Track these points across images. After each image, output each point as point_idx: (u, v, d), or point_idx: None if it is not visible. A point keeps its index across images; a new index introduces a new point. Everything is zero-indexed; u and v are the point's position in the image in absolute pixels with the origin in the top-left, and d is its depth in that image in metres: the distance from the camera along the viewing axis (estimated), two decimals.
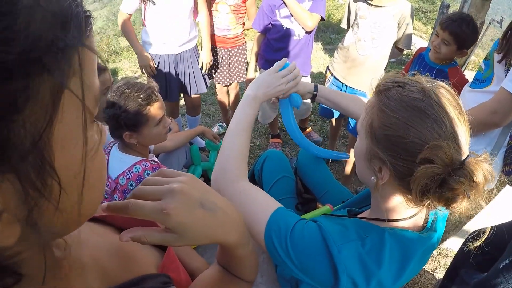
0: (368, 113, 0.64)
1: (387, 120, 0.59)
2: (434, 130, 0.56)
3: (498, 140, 1.17)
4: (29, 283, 0.28)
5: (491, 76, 1.16)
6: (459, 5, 3.26)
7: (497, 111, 1.06)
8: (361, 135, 0.67)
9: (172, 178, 0.40)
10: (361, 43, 1.74)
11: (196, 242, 0.39)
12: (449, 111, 0.57)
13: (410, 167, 0.56)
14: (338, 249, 0.61)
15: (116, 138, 1.23)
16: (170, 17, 1.80)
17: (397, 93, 0.60)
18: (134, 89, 1.12)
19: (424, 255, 0.71)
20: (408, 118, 0.57)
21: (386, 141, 0.60)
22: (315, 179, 1.37)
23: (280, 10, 1.82)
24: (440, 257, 1.74)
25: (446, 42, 1.52)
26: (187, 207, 0.37)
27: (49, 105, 0.22)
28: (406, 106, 0.58)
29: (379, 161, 0.62)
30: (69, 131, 0.24)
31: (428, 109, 0.57)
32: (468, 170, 0.52)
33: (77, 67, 0.23)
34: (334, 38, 4.69)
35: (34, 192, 0.22)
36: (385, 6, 1.63)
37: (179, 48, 1.95)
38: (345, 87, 1.90)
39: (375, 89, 0.65)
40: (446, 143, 0.53)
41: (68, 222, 0.28)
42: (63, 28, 0.22)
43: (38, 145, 0.22)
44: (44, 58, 0.21)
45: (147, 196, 0.37)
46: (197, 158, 1.86)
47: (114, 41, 5.28)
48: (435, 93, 0.58)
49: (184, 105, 3.07)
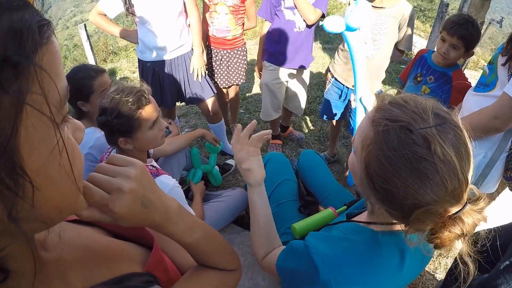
0: (364, 148, 0.59)
1: (385, 174, 0.54)
2: (433, 192, 0.51)
3: (500, 145, 1.17)
4: (16, 280, 0.31)
5: (495, 81, 1.16)
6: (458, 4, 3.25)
7: (499, 116, 1.06)
8: (358, 162, 0.62)
9: (121, 169, 0.43)
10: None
11: (126, 225, 0.43)
12: (454, 168, 0.51)
13: (404, 217, 0.57)
14: (322, 260, 0.65)
15: (112, 144, 1.20)
16: (157, 22, 1.76)
17: (398, 140, 0.53)
18: (124, 94, 1.08)
19: (422, 255, 0.72)
20: (407, 179, 0.52)
21: (383, 194, 0.57)
22: (317, 181, 1.38)
23: (285, 0, 1.86)
24: (440, 257, 1.75)
25: (455, 46, 1.51)
26: (129, 207, 0.41)
27: (12, 114, 0.24)
28: (407, 164, 0.52)
29: (373, 197, 0.61)
30: (34, 135, 0.26)
31: (430, 171, 0.51)
32: (460, 222, 0.52)
33: (35, 76, 0.25)
34: (333, 37, 4.69)
35: (8, 192, 0.25)
36: (386, 7, 1.63)
37: (171, 54, 1.88)
38: (346, 89, 1.90)
39: (372, 120, 0.59)
40: (442, 208, 0.52)
41: (47, 217, 0.30)
42: (16, 43, 0.24)
43: (6, 150, 0.24)
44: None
45: (98, 185, 0.41)
46: (197, 161, 1.86)
47: (112, 41, 5.25)
48: (441, 144, 0.51)
49: (181, 106, 3.10)
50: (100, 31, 6.09)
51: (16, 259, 0.31)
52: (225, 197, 1.66)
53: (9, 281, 0.30)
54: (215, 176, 2.00)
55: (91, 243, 0.46)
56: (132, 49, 5.58)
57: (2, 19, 0.23)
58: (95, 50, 4.95)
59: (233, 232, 1.57)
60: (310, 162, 1.43)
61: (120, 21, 12.39)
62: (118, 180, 0.41)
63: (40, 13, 0.27)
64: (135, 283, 0.42)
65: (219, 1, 1.97)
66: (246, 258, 1.38)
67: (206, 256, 0.56)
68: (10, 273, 0.30)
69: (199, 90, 1.99)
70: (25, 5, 0.26)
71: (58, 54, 0.29)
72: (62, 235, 0.41)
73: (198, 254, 0.56)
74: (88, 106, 1.40)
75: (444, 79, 1.59)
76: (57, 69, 0.28)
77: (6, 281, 0.29)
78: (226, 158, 2.37)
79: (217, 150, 1.95)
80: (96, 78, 1.39)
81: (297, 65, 2.04)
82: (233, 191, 1.70)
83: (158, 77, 1.94)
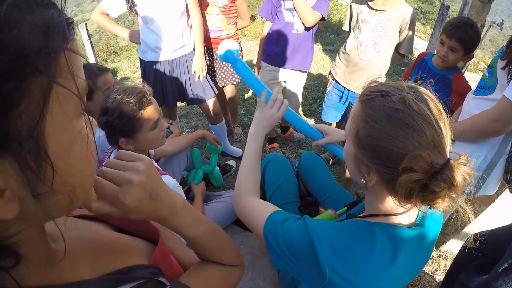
0: (354, 121, 0.68)
1: (372, 131, 0.63)
2: (414, 139, 0.59)
3: (500, 147, 1.17)
4: (28, 267, 0.32)
5: (495, 84, 1.16)
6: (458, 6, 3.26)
7: (498, 119, 1.07)
8: (349, 140, 0.71)
9: (130, 163, 0.45)
10: (363, 48, 1.74)
11: (134, 218, 0.45)
12: (429, 119, 0.59)
13: (394, 174, 0.61)
14: (319, 240, 0.68)
15: (112, 145, 1.20)
16: (159, 22, 1.76)
17: (380, 103, 0.63)
18: (125, 94, 1.09)
19: (418, 253, 0.73)
20: (390, 130, 0.60)
21: (372, 151, 0.64)
22: (317, 183, 1.38)
23: (285, 2, 1.87)
24: (440, 259, 1.76)
25: (454, 49, 1.51)
26: (139, 199, 0.43)
27: (40, 100, 0.26)
28: (388, 117, 0.61)
29: (366, 167, 0.67)
30: (58, 122, 0.29)
31: (408, 120, 0.59)
32: (448, 174, 0.56)
33: (63, 66, 0.28)
34: (334, 39, 4.70)
35: (31, 174, 0.27)
36: (387, 11, 1.64)
37: (173, 54, 1.89)
38: (347, 92, 1.91)
39: (359, 97, 0.68)
40: (426, 152, 0.57)
41: (61, 203, 0.32)
42: (47, 36, 0.27)
43: (33, 134, 0.26)
44: (34, 62, 0.25)
45: (108, 179, 0.42)
46: (198, 162, 1.86)
47: (113, 41, 5.26)
48: (415, 101, 0.60)
49: (182, 106, 3.10)
50: (101, 30, 6.10)
51: (28, 246, 0.32)
52: (226, 197, 1.66)
53: (20, 266, 0.31)
54: (216, 177, 2.00)
55: (99, 236, 0.48)
56: (133, 49, 5.59)
57: (35, 14, 0.26)
58: (96, 50, 4.96)
59: (233, 233, 1.58)
60: (310, 164, 1.44)
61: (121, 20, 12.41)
62: (128, 173, 0.43)
63: (65, 12, 0.29)
64: (141, 274, 0.43)
65: (210, 3, 1.98)
66: (246, 259, 1.39)
67: (209, 251, 0.57)
68: (22, 259, 0.31)
69: (200, 90, 2.00)
70: (53, 4, 0.28)
71: (80, 52, 0.31)
72: (70, 228, 0.43)
73: (202, 248, 0.57)
74: (90, 104, 1.40)
75: (444, 82, 1.59)
76: (79, 65, 0.31)
77: (17, 267, 0.31)
78: (227, 158, 2.37)
79: (218, 151, 1.95)
80: (99, 76, 1.40)
81: (294, 66, 2.04)
82: (234, 192, 1.71)
83: (160, 77, 1.94)
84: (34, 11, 0.26)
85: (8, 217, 0.27)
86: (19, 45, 0.24)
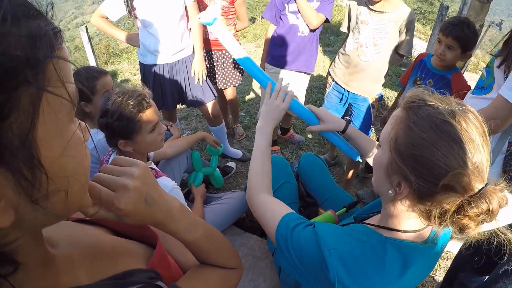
0: (394, 127, 0.64)
1: (415, 139, 0.59)
2: (460, 157, 0.56)
3: (496, 146, 1.18)
4: (25, 274, 0.33)
5: (492, 83, 1.17)
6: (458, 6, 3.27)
7: (494, 118, 1.07)
8: (384, 147, 0.66)
9: (125, 168, 0.45)
10: (363, 49, 1.74)
11: (130, 223, 0.45)
12: (475, 139, 0.57)
13: (431, 189, 0.58)
14: (329, 253, 0.66)
15: (111, 146, 1.22)
16: (158, 26, 1.77)
17: (428, 112, 0.59)
18: (125, 97, 1.11)
19: (426, 264, 0.72)
20: (436, 141, 0.57)
21: (412, 160, 0.60)
22: (317, 184, 1.39)
23: (289, 5, 1.88)
24: (440, 259, 1.76)
25: (451, 47, 1.52)
26: (134, 204, 0.43)
27: (31, 110, 0.26)
28: (436, 128, 0.57)
29: (399, 177, 0.63)
30: (51, 129, 0.29)
31: (456, 135, 0.56)
32: (485, 199, 0.54)
33: (52, 74, 0.28)
34: (334, 40, 4.70)
35: (25, 183, 0.27)
36: (386, 12, 1.64)
37: (173, 57, 1.89)
38: (347, 93, 1.91)
39: (403, 104, 0.65)
40: (469, 172, 0.55)
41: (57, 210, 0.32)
42: (34, 46, 0.27)
43: (25, 144, 0.26)
44: (22, 73, 0.26)
45: (103, 184, 0.43)
46: (198, 164, 1.87)
47: (113, 43, 5.28)
48: (464, 119, 0.57)
49: (182, 108, 3.11)
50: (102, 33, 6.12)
51: (26, 252, 0.33)
52: (226, 199, 1.66)
53: (18, 272, 0.31)
54: (217, 179, 2.01)
55: (96, 240, 0.48)
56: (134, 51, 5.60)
57: (21, 25, 0.26)
58: (96, 52, 4.98)
59: (233, 234, 1.58)
60: (310, 165, 1.44)
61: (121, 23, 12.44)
62: (123, 178, 0.44)
63: (52, 22, 0.30)
64: (138, 279, 0.44)
65: (209, 3, 1.98)
66: (247, 260, 1.39)
67: (207, 254, 0.58)
68: (20, 266, 0.31)
69: (200, 93, 2.00)
70: (40, 14, 0.29)
71: (69, 59, 0.32)
72: (68, 233, 0.43)
73: (200, 252, 0.57)
74: (90, 107, 1.41)
75: (443, 82, 1.60)
76: (68, 70, 0.31)
77: (15, 274, 0.31)
78: (227, 160, 2.38)
79: (218, 153, 1.96)
80: (98, 79, 1.41)
81: (299, 68, 2.05)
82: (234, 194, 1.71)
83: (159, 80, 1.95)
84: (20, 23, 0.26)
85: (3, 226, 0.27)
86: (6, 58, 0.25)
